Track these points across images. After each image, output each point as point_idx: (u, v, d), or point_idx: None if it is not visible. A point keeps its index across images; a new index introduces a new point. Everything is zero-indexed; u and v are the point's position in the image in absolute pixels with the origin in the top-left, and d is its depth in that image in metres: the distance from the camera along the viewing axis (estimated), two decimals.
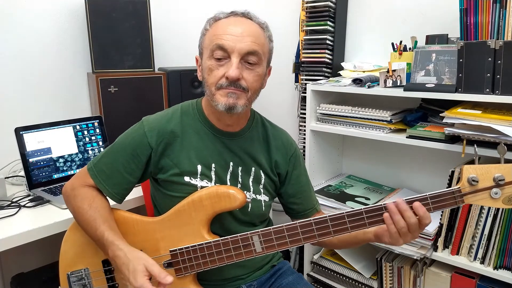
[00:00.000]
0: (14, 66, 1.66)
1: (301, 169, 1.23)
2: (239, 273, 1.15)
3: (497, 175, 0.89)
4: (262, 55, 1.03)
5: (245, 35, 1.00)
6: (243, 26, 1.02)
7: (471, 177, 0.90)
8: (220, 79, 1.01)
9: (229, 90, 1.00)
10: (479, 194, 0.91)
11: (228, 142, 1.12)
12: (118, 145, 1.10)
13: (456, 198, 0.92)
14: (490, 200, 0.91)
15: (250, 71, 1.02)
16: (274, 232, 0.98)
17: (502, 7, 1.31)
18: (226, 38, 0.99)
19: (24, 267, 1.62)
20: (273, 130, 1.20)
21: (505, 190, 0.90)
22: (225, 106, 1.01)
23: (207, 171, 1.09)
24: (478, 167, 0.91)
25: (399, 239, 0.95)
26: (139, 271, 0.92)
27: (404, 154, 1.85)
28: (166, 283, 0.91)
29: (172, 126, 1.09)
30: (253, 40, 1.00)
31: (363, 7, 1.90)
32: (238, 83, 1.00)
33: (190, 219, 1.04)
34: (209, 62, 1.02)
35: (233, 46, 0.99)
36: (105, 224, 1.01)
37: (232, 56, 0.99)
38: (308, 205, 1.22)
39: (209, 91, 1.04)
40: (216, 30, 1.02)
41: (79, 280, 1.08)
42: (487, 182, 0.90)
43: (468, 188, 0.91)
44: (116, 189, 1.08)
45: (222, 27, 1.02)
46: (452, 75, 1.43)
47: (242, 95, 1.02)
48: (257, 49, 1.01)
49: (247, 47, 1.00)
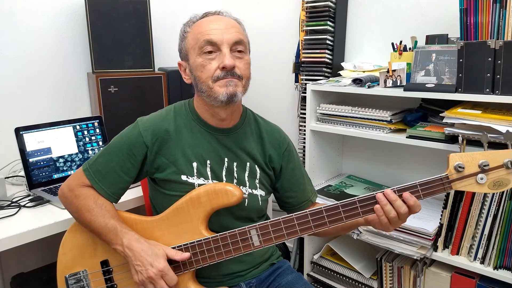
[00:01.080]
0: (14, 66, 1.66)
1: (295, 162, 1.24)
2: (238, 269, 1.15)
3: (481, 161, 0.94)
4: (247, 43, 1.10)
5: (229, 27, 1.05)
6: (223, 20, 1.07)
7: (457, 164, 0.95)
8: (215, 72, 1.03)
9: (227, 79, 1.03)
10: (465, 180, 0.95)
11: (222, 138, 1.13)
12: (113, 145, 1.11)
13: (444, 185, 0.96)
14: (477, 186, 0.95)
15: (241, 59, 1.06)
16: (271, 225, 1.00)
17: (502, 7, 1.31)
18: (212, 32, 1.03)
19: (24, 267, 1.62)
20: (266, 126, 1.21)
21: (489, 175, 0.94)
22: (226, 95, 1.03)
23: (203, 168, 1.10)
24: (463, 155, 0.95)
25: (389, 227, 0.99)
26: (161, 255, 0.99)
27: (404, 154, 1.85)
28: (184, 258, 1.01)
29: (166, 125, 1.11)
30: (237, 31, 1.06)
31: (363, 7, 1.90)
32: (234, 72, 1.04)
33: (189, 217, 1.05)
34: (200, 59, 1.05)
35: (221, 38, 1.03)
36: (115, 218, 1.05)
37: (222, 48, 1.03)
38: (303, 198, 1.24)
39: (205, 87, 1.05)
40: (199, 29, 1.06)
41: (77, 282, 1.08)
42: (473, 168, 0.95)
43: (455, 175, 0.95)
44: (112, 188, 1.09)
45: (205, 25, 1.06)
46: (452, 75, 1.43)
47: (239, 83, 1.05)
48: (242, 38, 1.07)
49: (235, 37, 1.04)
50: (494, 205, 1.37)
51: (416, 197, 0.96)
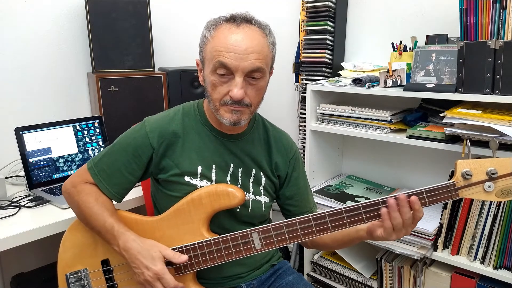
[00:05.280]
0: (14, 66, 1.66)
1: (300, 171, 1.23)
2: (239, 272, 1.15)
3: (490, 169, 0.91)
4: (266, 68, 1.01)
5: (248, 52, 0.96)
6: (246, 39, 0.97)
7: (464, 171, 0.92)
8: (224, 96, 1.00)
9: (233, 108, 1.00)
10: (473, 188, 0.93)
11: (229, 144, 1.12)
12: (119, 145, 1.10)
13: (451, 192, 0.93)
14: (484, 194, 0.92)
15: (253, 86, 1.01)
16: (273, 229, 0.99)
17: (502, 7, 1.31)
18: (229, 56, 0.95)
19: (24, 267, 1.62)
20: (274, 132, 1.20)
21: (498, 183, 0.91)
22: (229, 122, 1.02)
23: (208, 172, 1.09)
24: (471, 162, 0.93)
25: (392, 234, 0.96)
26: (157, 257, 0.97)
27: (404, 154, 1.85)
28: (182, 261, 0.99)
29: (174, 127, 1.10)
30: (256, 57, 0.97)
31: (363, 7, 1.90)
32: (242, 101, 1.00)
33: (190, 218, 1.05)
34: (212, 77, 1.00)
35: (236, 65, 0.96)
36: (113, 217, 1.04)
37: (236, 75, 0.97)
38: (305, 208, 1.22)
39: (213, 105, 1.03)
40: (217, 43, 0.98)
41: (78, 281, 1.08)
42: (481, 175, 0.92)
43: (462, 182, 0.93)
44: (116, 188, 1.09)
45: (224, 40, 0.97)
46: (452, 75, 1.43)
47: (246, 111, 1.02)
48: (261, 65, 0.98)
49: (251, 66, 0.97)
50: (494, 205, 1.37)
51: (421, 204, 0.94)
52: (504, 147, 1.28)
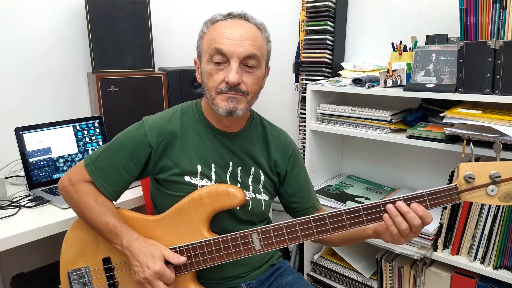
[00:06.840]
0: (14, 66, 1.66)
1: (300, 168, 1.23)
2: (239, 272, 1.15)
3: (493, 172, 0.90)
4: (261, 57, 1.04)
5: (243, 39, 1.00)
6: (241, 28, 1.02)
7: (467, 174, 0.91)
8: (220, 84, 1.01)
9: (229, 94, 1.01)
10: (475, 191, 0.91)
11: (227, 143, 1.12)
12: (117, 143, 1.10)
13: (452, 195, 0.92)
14: (487, 197, 0.91)
15: (250, 74, 1.03)
16: (273, 230, 0.99)
17: (502, 7, 1.31)
18: (224, 42, 0.99)
19: (24, 267, 1.62)
20: (272, 130, 1.21)
21: (501, 187, 0.90)
22: (225, 110, 1.02)
23: (207, 171, 1.10)
24: (474, 165, 0.91)
25: (400, 239, 0.95)
26: (157, 257, 0.98)
27: (404, 154, 1.85)
28: (180, 262, 1.00)
29: (172, 126, 1.10)
30: (251, 44, 1.01)
31: (363, 7, 1.90)
32: (238, 88, 1.01)
33: (190, 218, 1.05)
34: (208, 66, 1.02)
35: (232, 51, 0.99)
36: (116, 217, 1.04)
37: (231, 61, 1.00)
38: (308, 204, 1.23)
39: (209, 95, 1.04)
40: (214, 34, 1.02)
41: (80, 278, 1.09)
42: (484, 179, 0.91)
43: (465, 185, 0.92)
44: (113, 186, 1.09)
45: (220, 31, 1.02)
46: (452, 75, 1.43)
47: (242, 99, 1.03)
48: (256, 52, 1.01)
49: (246, 51, 1.00)
50: (494, 205, 1.37)
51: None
52: (504, 147, 1.28)
